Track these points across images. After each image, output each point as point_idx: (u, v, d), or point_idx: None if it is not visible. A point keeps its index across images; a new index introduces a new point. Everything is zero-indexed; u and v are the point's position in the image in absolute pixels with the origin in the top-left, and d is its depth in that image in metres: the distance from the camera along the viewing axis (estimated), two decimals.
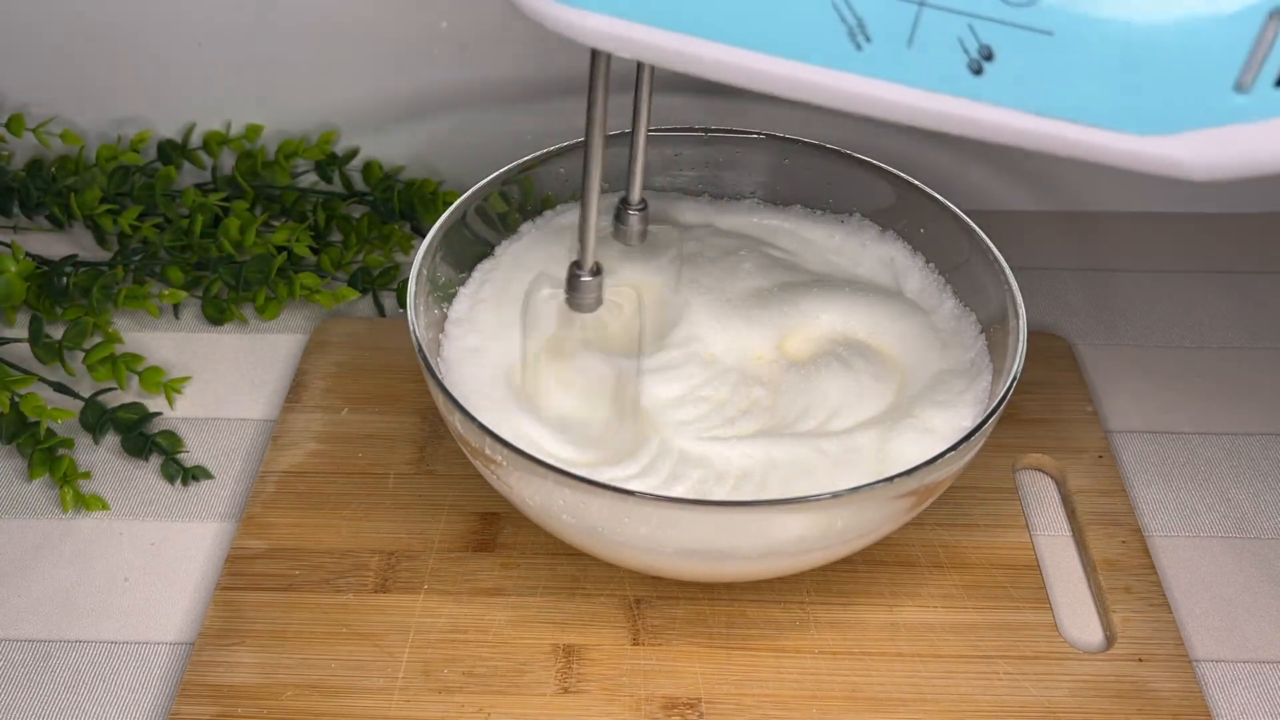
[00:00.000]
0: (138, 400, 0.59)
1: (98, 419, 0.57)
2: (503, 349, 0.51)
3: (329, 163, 0.70)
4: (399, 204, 0.68)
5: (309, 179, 0.71)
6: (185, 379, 0.61)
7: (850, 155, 0.56)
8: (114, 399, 0.59)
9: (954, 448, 0.42)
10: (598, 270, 0.45)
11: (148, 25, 0.67)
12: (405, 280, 0.61)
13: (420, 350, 0.46)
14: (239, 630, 0.48)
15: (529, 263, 0.55)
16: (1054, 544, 0.53)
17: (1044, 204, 0.73)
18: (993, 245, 0.51)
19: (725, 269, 0.55)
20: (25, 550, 0.53)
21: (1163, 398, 0.61)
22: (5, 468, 0.57)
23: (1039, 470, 0.56)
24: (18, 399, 0.56)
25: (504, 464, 0.44)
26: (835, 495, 0.41)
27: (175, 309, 0.65)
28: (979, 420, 0.45)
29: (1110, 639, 0.49)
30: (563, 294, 0.46)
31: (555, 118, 0.70)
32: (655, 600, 0.50)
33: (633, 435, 0.48)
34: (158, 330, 0.64)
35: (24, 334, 0.62)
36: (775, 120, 0.69)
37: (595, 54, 0.38)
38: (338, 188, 0.71)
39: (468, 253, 0.55)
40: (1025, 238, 0.71)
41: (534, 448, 0.46)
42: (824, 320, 0.52)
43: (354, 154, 0.71)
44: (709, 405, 0.49)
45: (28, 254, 0.60)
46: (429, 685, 0.46)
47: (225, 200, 0.66)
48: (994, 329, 0.50)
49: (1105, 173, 0.76)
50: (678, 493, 0.45)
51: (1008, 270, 0.50)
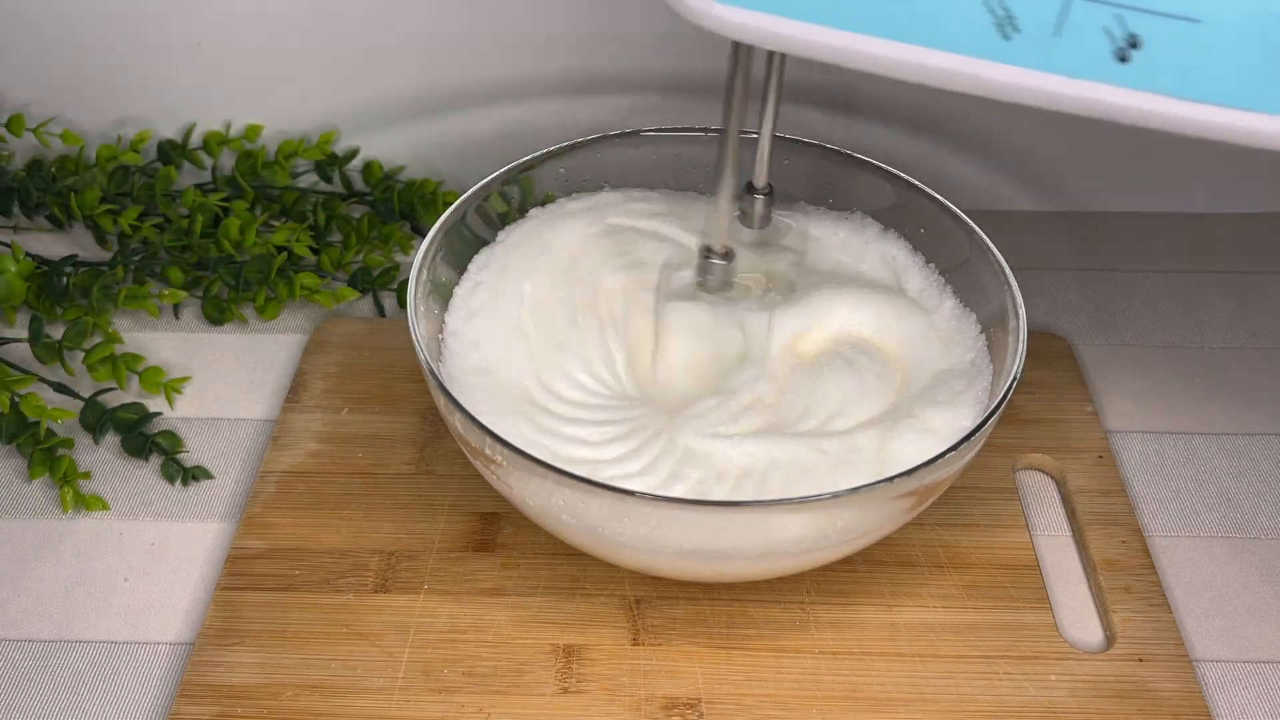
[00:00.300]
0: (138, 400, 0.59)
1: (98, 419, 0.57)
2: (503, 348, 0.51)
3: (329, 163, 0.70)
4: (399, 204, 0.68)
5: (309, 179, 0.71)
6: (185, 379, 0.61)
7: (850, 155, 0.56)
8: (114, 399, 0.59)
9: (954, 448, 0.42)
10: (728, 254, 0.46)
11: (148, 25, 0.67)
12: (405, 280, 0.61)
13: (420, 350, 0.46)
14: (239, 630, 0.48)
15: (525, 255, 0.55)
16: (1054, 544, 0.53)
17: (1044, 204, 0.73)
18: (993, 245, 0.51)
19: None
20: (25, 550, 0.53)
21: (1163, 398, 0.61)
22: (5, 468, 0.57)
23: (1039, 470, 0.56)
24: (18, 399, 0.56)
25: (504, 464, 0.44)
26: (835, 495, 0.41)
27: (175, 309, 0.65)
28: (979, 420, 0.45)
29: (1110, 639, 0.49)
30: (693, 275, 0.48)
31: (555, 118, 0.70)
32: (655, 600, 0.50)
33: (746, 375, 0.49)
34: (158, 330, 0.64)
35: (24, 334, 0.62)
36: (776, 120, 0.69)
37: (736, 46, 0.39)
38: (338, 188, 0.71)
39: (468, 253, 0.55)
40: (1025, 238, 0.71)
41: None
42: (835, 318, 0.53)
43: (354, 154, 0.71)
44: (718, 397, 0.49)
45: (28, 254, 0.60)
46: (429, 685, 0.46)
47: (225, 200, 0.66)
48: (994, 329, 0.50)
49: (1105, 173, 0.76)
50: (678, 492, 0.45)
51: (1008, 270, 0.50)
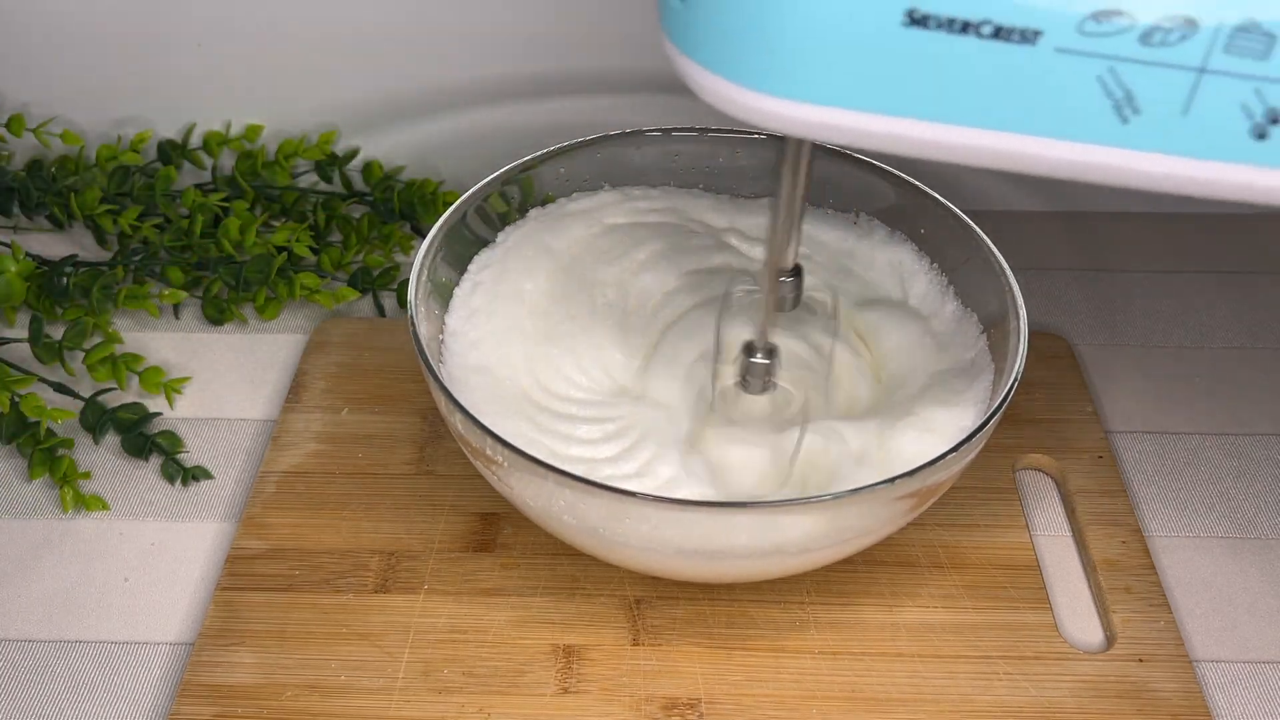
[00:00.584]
0: (138, 400, 0.59)
1: (98, 419, 0.57)
2: (503, 347, 0.51)
3: (329, 163, 0.70)
4: (399, 204, 0.68)
5: (309, 179, 0.71)
6: (185, 379, 0.61)
7: (850, 155, 0.56)
8: (114, 399, 0.59)
9: (955, 449, 0.42)
10: (772, 352, 0.45)
11: (148, 25, 0.67)
12: (405, 280, 0.61)
13: (421, 351, 0.46)
14: (239, 630, 0.48)
15: (525, 255, 0.55)
16: (1054, 544, 0.53)
17: (1044, 204, 0.73)
18: (993, 245, 0.51)
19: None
20: (25, 550, 0.53)
21: (1163, 398, 0.61)
22: (5, 468, 0.57)
23: (1039, 470, 0.56)
24: (18, 399, 0.56)
25: (504, 464, 0.44)
26: (835, 496, 0.41)
27: (175, 309, 0.65)
28: (980, 420, 0.45)
29: (1110, 639, 0.49)
30: (754, 293, 0.46)
31: (555, 118, 0.70)
32: (655, 600, 0.50)
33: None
34: (158, 330, 0.64)
35: (24, 334, 0.62)
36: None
37: (789, 140, 0.35)
38: (338, 188, 0.71)
39: (468, 253, 0.55)
40: (1025, 238, 0.71)
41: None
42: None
43: (354, 154, 0.71)
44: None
45: (28, 254, 0.60)
46: (429, 685, 0.46)
47: (225, 200, 0.66)
48: (994, 329, 0.50)
49: None
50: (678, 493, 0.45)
51: (1008, 270, 0.50)
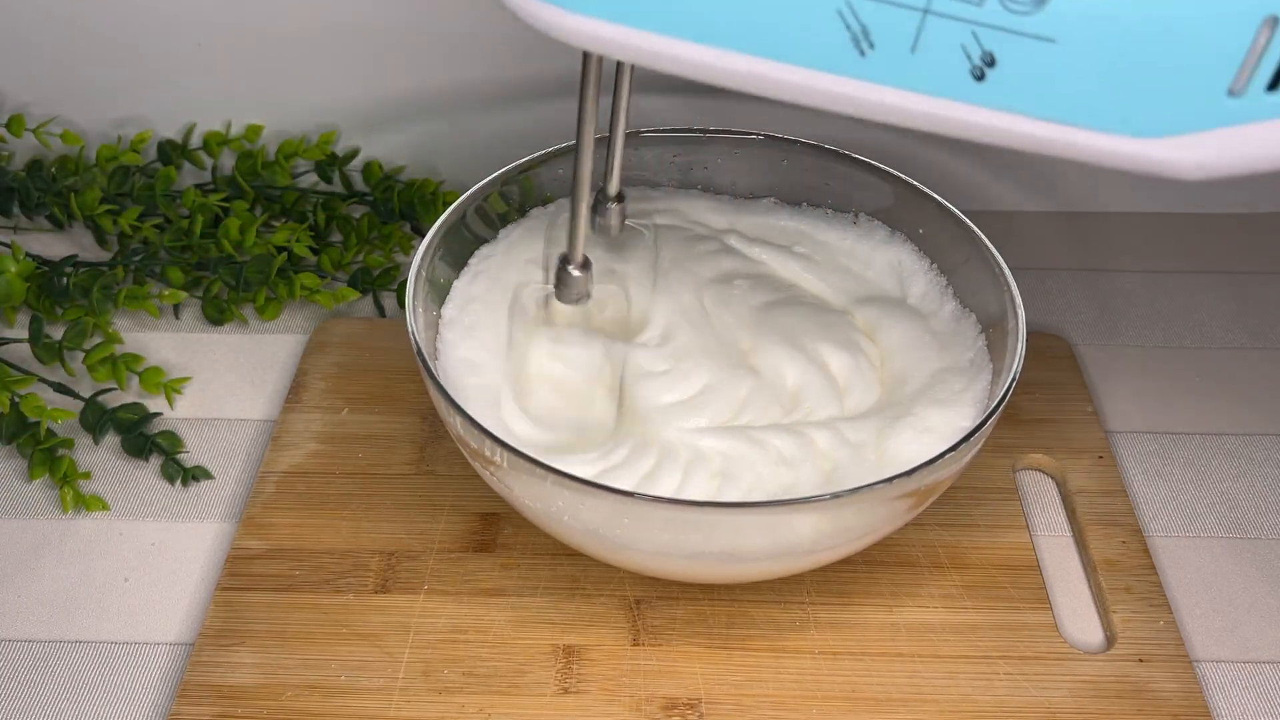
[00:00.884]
0: (138, 400, 0.59)
1: (98, 419, 0.57)
2: (502, 347, 0.51)
3: (329, 163, 0.70)
4: (399, 204, 0.68)
5: (309, 179, 0.71)
6: (185, 379, 0.61)
7: (850, 156, 0.56)
8: (114, 399, 0.59)
9: (954, 448, 0.42)
10: (586, 264, 0.46)
11: (148, 25, 0.67)
12: (405, 280, 0.61)
13: (419, 351, 0.46)
14: (239, 630, 0.48)
15: (522, 256, 0.55)
16: (1054, 544, 0.53)
17: (1044, 204, 0.73)
18: (992, 245, 0.51)
19: (694, 261, 0.55)
20: (25, 550, 0.53)
21: (1163, 398, 0.61)
22: (5, 468, 0.57)
23: (1039, 470, 0.56)
24: (18, 399, 0.56)
25: (503, 465, 0.44)
26: (835, 495, 0.41)
27: (175, 309, 0.65)
28: (979, 420, 0.45)
29: (1110, 639, 0.49)
30: (549, 287, 0.46)
31: (555, 118, 0.70)
32: (655, 600, 0.50)
33: (622, 429, 0.48)
34: (158, 330, 0.64)
35: (24, 334, 0.62)
36: (773, 120, 0.69)
37: (586, 55, 0.38)
38: (338, 188, 0.71)
39: (467, 253, 0.55)
40: (1025, 238, 0.71)
41: (513, 438, 0.46)
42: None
43: (354, 154, 0.71)
44: (708, 404, 0.49)
45: (28, 254, 0.60)
46: (429, 685, 0.46)
47: (225, 200, 0.66)
48: (993, 329, 0.50)
49: (1105, 173, 0.76)
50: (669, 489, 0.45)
51: (1007, 270, 0.50)
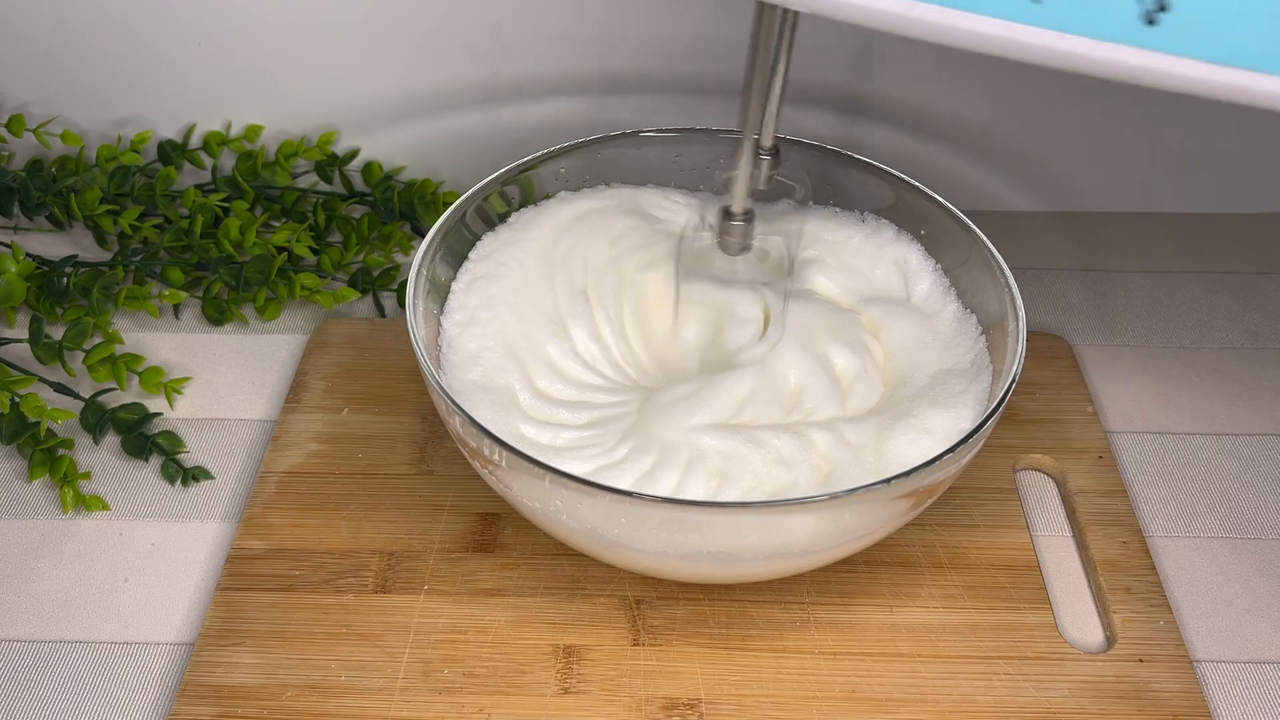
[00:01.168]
0: (138, 400, 0.59)
1: (98, 419, 0.57)
2: (502, 346, 0.51)
3: (329, 163, 0.70)
4: (399, 204, 0.68)
5: (309, 179, 0.71)
6: (185, 379, 0.61)
7: (850, 155, 0.56)
8: (114, 399, 0.59)
9: (953, 449, 0.42)
10: (749, 215, 0.46)
11: (148, 25, 0.67)
12: (405, 281, 0.61)
13: (419, 352, 0.46)
14: (239, 631, 0.48)
15: (518, 255, 0.55)
16: (1054, 544, 0.53)
17: (1044, 204, 0.73)
18: (992, 245, 0.51)
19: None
20: (25, 550, 0.53)
21: (1163, 398, 0.61)
22: (5, 468, 0.57)
23: (1039, 471, 0.56)
24: (18, 399, 0.56)
25: (502, 465, 0.44)
26: (835, 496, 0.41)
27: (175, 309, 0.65)
28: (979, 421, 0.45)
29: (1111, 639, 0.49)
30: (710, 235, 0.47)
31: (555, 118, 0.70)
32: (655, 601, 0.50)
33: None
34: (158, 330, 0.64)
35: (24, 334, 0.62)
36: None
37: (761, 5, 0.38)
38: (338, 188, 0.71)
39: (467, 253, 0.55)
40: (1025, 238, 0.71)
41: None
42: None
43: (354, 154, 0.71)
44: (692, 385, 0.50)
45: (28, 254, 0.60)
46: (429, 685, 0.46)
47: (225, 201, 0.66)
48: (994, 330, 0.50)
49: (1105, 173, 0.76)
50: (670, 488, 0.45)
51: (1007, 270, 0.50)
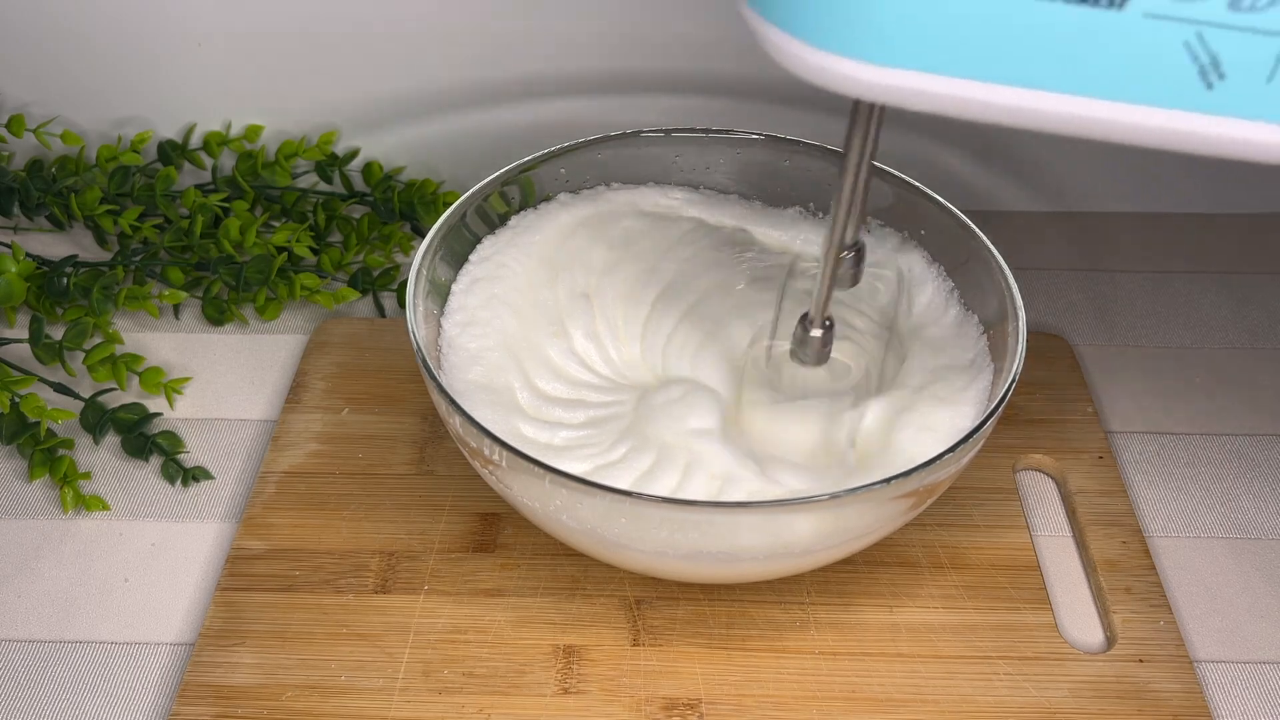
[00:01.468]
0: (138, 401, 0.59)
1: (98, 419, 0.57)
2: (501, 347, 0.51)
3: (329, 163, 0.70)
4: (399, 204, 0.68)
5: (309, 179, 0.71)
6: (185, 379, 0.61)
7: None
8: (114, 399, 0.59)
9: (953, 449, 0.42)
10: (830, 325, 0.45)
11: (148, 25, 0.67)
12: (405, 281, 0.61)
13: (419, 352, 0.46)
14: (239, 631, 0.48)
15: (520, 258, 0.55)
16: (1054, 544, 0.53)
17: (1044, 204, 0.73)
18: (992, 245, 0.51)
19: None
20: (25, 551, 0.53)
21: (1163, 398, 0.61)
22: (5, 468, 0.57)
23: (1039, 471, 0.56)
24: (18, 399, 0.56)
25: (502, 465, 0.44)
26: (834, 495, 0.41)
27: (175, 309, 0.65)
28: (979, 420, 0.45)
29: (1111, 640, 0.49)
30: (784, 345, 0.45)
31: (555, 118, 0.70)
32: (655, 601, 0.50)
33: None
34: (158, 331, 0.64)
35: (24, 334, 0.62)
36: (772, 120, 0.69)
37: (857, 105, 0.35)
38: (338, 188, 0.71)
39: (467, 253, 0.55)
40: (1025, 238, 0.71)
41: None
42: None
43: (354, 154, 0.71)
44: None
45: (28, 254, 0.60)
46: (429, 686, 0.46)
47: (225, 201, 0.66)
48: (994, 329, 0.50)
49: (1105, 173, 0.76)
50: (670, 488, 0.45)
51: (1007, 270, 0.50)
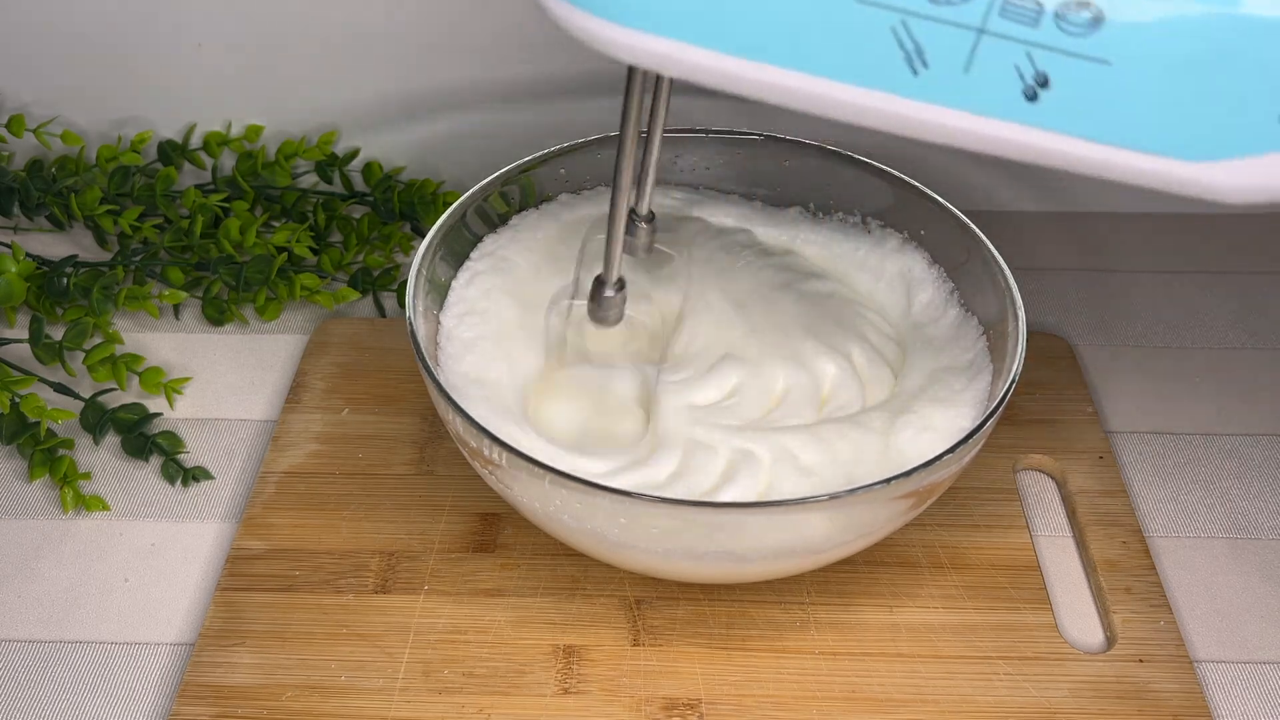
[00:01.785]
0: (138, 401, 0.59)
1: (98, 419, 0.57)
2: (501, 347, 0.51)
3: (329, 163, 0.70)
4: (399, 204, 0.68)
5: (309, 179, 0.71)
6: (185, 379, 0.61)
7: (850, 156, 0.56)
8: (114, 399, 0.59)
9: (953, 449, 0.42)
10: (622, 285, 0.45)
11: (148, 25, 0.67)
12: (405, 281, 0.61)
13: (419, 352, 0.46)
14: (239, 631, 0.48)
15: (522, 252, 0.55)
16: (1054, 545, 0.53)
17: (1044, 204, 0.73)
18: (992, 245, 0.51)
19: (731, 275, 0.55)
20: (25, 551, 0.53)
21: (1163, 398, 0.61)
22: (5, 468, 0.57)
23: (1039, 471, 0.56)
24: (18, 399, 0.56)
25: (502, 465, 0.44)
26: (834, 496, 0.41)
27: (175, 309, 0.65)
28: (979, 421, 0.45)
29: (1111, 640, 0.49)
30: (584, 306, 0.46)
31: (555, 118, 0.70)
32: (655, 601, 0.50)
33: (649, 443, 0.48)
34: (158, 331, 0.64)
35: (24, 334, 0.62)
36: (772, 120, 0.69)
37: (632, 69, 0.38)
38: (338, 188, 0.71)
39: (467, 253, 0.55)
40: (1025, 238, 0.71)
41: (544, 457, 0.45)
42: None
43: (354, 154, 0.71)
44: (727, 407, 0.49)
45: (28, 254, 0.60)
46: (429, 686, 0.46)
47: (225, 201, 0.66)
48: (994, 330, 0.50)
49: None
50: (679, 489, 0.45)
51: (1007, 271, 0.50)
